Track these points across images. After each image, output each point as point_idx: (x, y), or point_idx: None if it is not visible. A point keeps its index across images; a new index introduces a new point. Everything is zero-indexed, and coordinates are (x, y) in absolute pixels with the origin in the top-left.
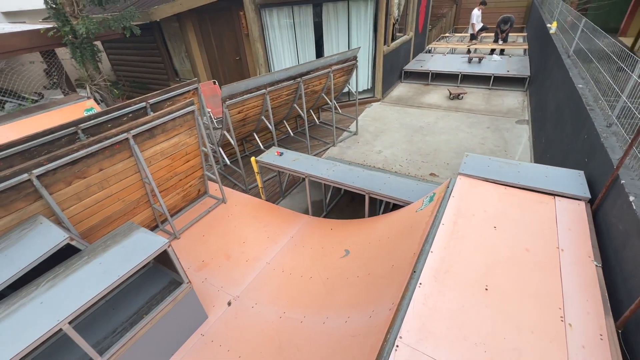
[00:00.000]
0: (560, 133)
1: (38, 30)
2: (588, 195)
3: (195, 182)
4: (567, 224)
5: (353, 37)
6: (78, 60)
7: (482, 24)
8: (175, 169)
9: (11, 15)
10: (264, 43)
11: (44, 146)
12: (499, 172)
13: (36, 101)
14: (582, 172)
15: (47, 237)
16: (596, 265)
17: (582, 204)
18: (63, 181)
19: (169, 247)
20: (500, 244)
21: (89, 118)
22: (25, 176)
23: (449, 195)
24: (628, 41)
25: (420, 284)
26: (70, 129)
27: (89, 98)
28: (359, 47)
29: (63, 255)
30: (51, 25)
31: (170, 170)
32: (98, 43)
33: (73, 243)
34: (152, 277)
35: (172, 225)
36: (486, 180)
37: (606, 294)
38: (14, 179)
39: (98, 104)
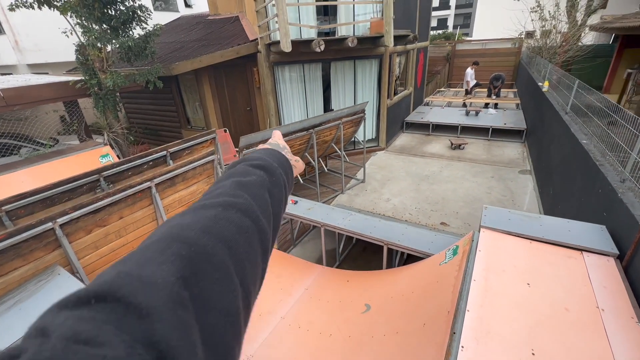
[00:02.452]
0: (570, 186)
1: (66, 82)
2: (616, 251)
3: None
4: (601, 281)
5: (359, 91)
6: (100, 109)
7: (475, 81)
8: None
9: (35, 67)
10: (275, 96)
11: (65, 193)
12: (521, 226)
13: (52, 146)
14: (604, 227)
15: (65, 290)
16: None
17: (612, 260)
18: (84, 229)
19: None
20: (538, 302)
21: (112, 166)
22: (49, 225)
23: (475, 249)
24: (613, 98)
25: (462, 347)
26: (92, 176)
27: (105, 145)
28: (367, 102)
29: None
30: (78, 78)
31: None
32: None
33: None
34: None
35: None
36: (509, 233)
37: None
38: (39, 228)
39: (112, 149)
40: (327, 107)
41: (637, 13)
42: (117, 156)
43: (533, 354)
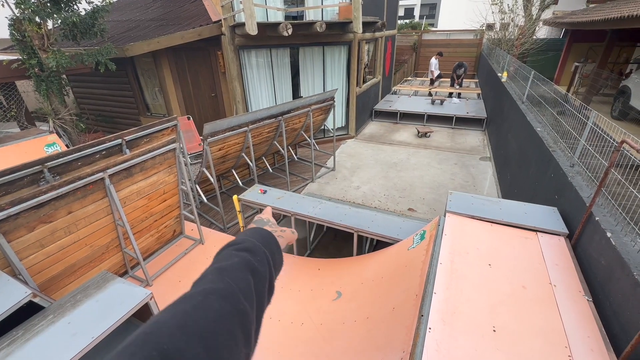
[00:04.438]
0: (526, 171)
1: (0, 61)
2: (566, 231)
3: (171, 222)
4: (553, 259)
5: (328, 78)
6: (43, 93)
7: (439, 72)
8: (151, 209)
9: None
10: (242, 81)
11: (1, 187)
12: (483, 210)
13: None
14: (555, 209)
15: (3, 294)
16: (587, 300)
17: (562, 239)
18: (25, 227)
19: (151, 299)
20: (499, 282)
21: (58, 156)
22: None
23: (441, 233)
24: (562, 89)
25: (430, 328)
26: (35, 167)
27: (51, 132)
28: (336, 89)
29: (23, 315)
30: (15, 57)
31: (146, 210)
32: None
33: (36, 300)
34: (124, 335)
35: (145, 271)
36: (473, 217)
37: (603, 329)
38: None
39: (60, 137)
40: (296, 94)
41: (584, 10)
42: (66, 145)
43: (494, 330)
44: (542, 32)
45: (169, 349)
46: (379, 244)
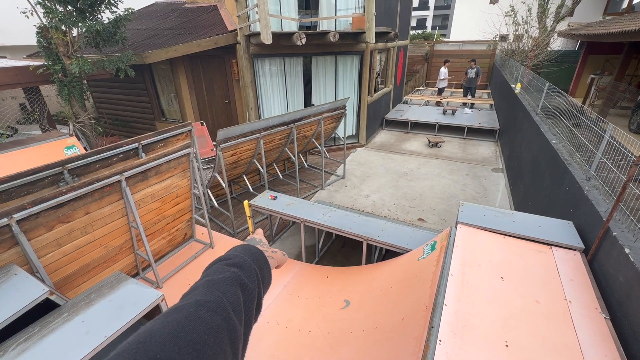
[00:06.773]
0: (540, 183)
1: (26, 67)
2: (582, 246)
3: (182, 225)
4: (569, 275)
5: (339, 87)
6: (65, 98)
7: (443, 86)
8: (164, 212)
9: None
10: (255, 89)
11: (23, 187)
12: (495, 222)
13: (10, 136)
14: (571, 223)
15: (22, 291)
16: (605, 317)
17: (578, 254)
18: (45, 226)
19: (162, 300)
20: (511, 296)
21: (77, 158)
22: (4, 221)
23: (452, 244)
24: (577, 101)
25: (440, 340)
26: (55, 169)
27: (70, 135)
28: (348, 98)
29: (38, 312)
30: (40, 63)
31: (159, 213)
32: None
33: (52, 298)
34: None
35: (156, 273)
36: (485, 229)
37: (622, 349)
38: None
39: (78, 140)
40: (307, 102)
41: (600, 21)
42: (84, 148)
43: (507, 345)
44: (557, 43)
45: (162, 358)
46: (388, 254)
